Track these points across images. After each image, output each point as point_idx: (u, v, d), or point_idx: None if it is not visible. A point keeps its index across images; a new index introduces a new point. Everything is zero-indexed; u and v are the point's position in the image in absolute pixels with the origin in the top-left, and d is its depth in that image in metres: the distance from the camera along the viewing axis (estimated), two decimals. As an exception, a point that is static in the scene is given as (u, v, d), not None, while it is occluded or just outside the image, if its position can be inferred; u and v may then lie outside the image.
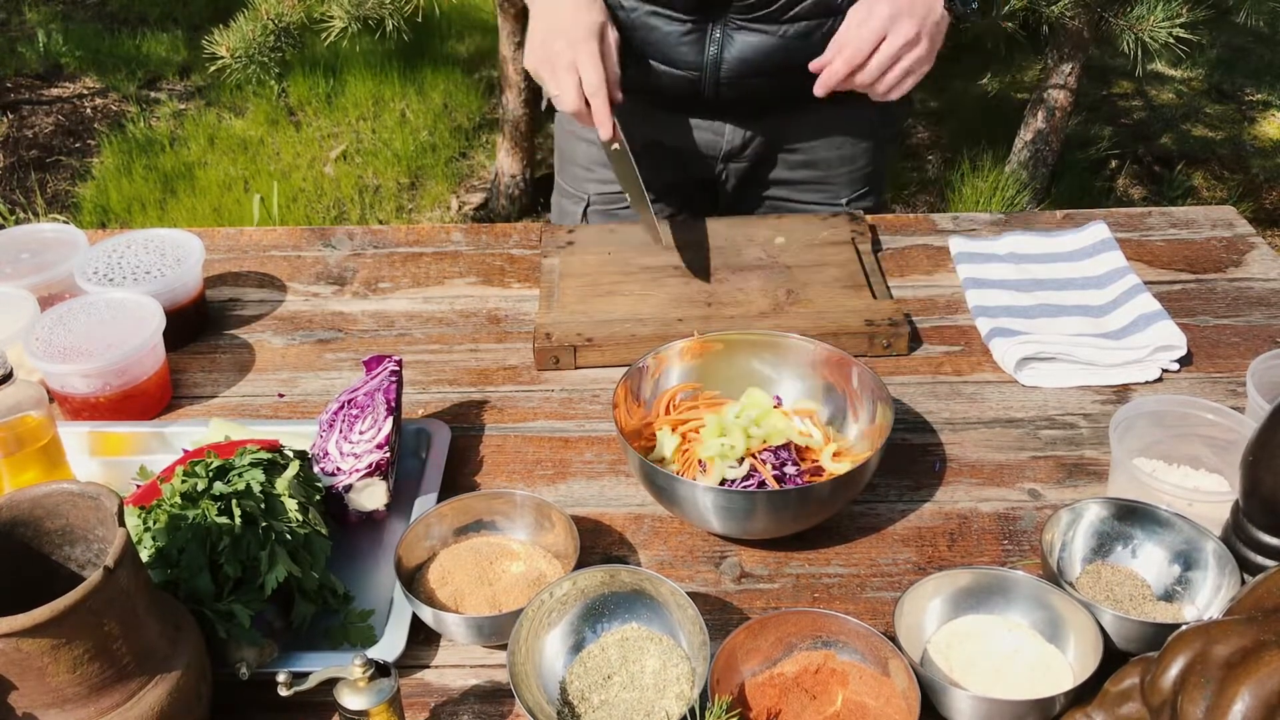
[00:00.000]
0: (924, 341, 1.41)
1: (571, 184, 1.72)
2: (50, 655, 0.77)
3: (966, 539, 1.12)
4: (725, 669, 0.92)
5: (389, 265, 1.59)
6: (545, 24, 1.38)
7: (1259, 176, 4.10)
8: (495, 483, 1.21)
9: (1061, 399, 1.31)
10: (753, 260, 1.49)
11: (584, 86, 1.34)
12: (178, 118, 4.52)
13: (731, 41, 1.47)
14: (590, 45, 1.34)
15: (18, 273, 1.42)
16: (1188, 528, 1.00)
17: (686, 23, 1.47)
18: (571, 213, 1.73)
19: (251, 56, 2.61)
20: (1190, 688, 0.76)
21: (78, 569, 0.89)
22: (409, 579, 1.04)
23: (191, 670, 0.87)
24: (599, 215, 1.69)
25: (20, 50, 5.00)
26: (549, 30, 1.37)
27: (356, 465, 1.10)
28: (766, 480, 1.09)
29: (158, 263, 1.43)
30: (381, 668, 0.86)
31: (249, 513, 0.98)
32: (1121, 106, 4.62)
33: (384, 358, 1.21)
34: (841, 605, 1.05)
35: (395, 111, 4.48)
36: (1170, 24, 2.66)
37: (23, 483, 1.09)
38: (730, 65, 1.49)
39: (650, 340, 1.34)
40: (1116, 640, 0.93)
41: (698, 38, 1.48)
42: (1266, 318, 1.43)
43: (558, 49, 1.35)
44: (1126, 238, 1.59)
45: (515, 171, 3.89)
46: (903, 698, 0.90)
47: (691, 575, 1.09)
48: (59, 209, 3.95)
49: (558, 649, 0.97)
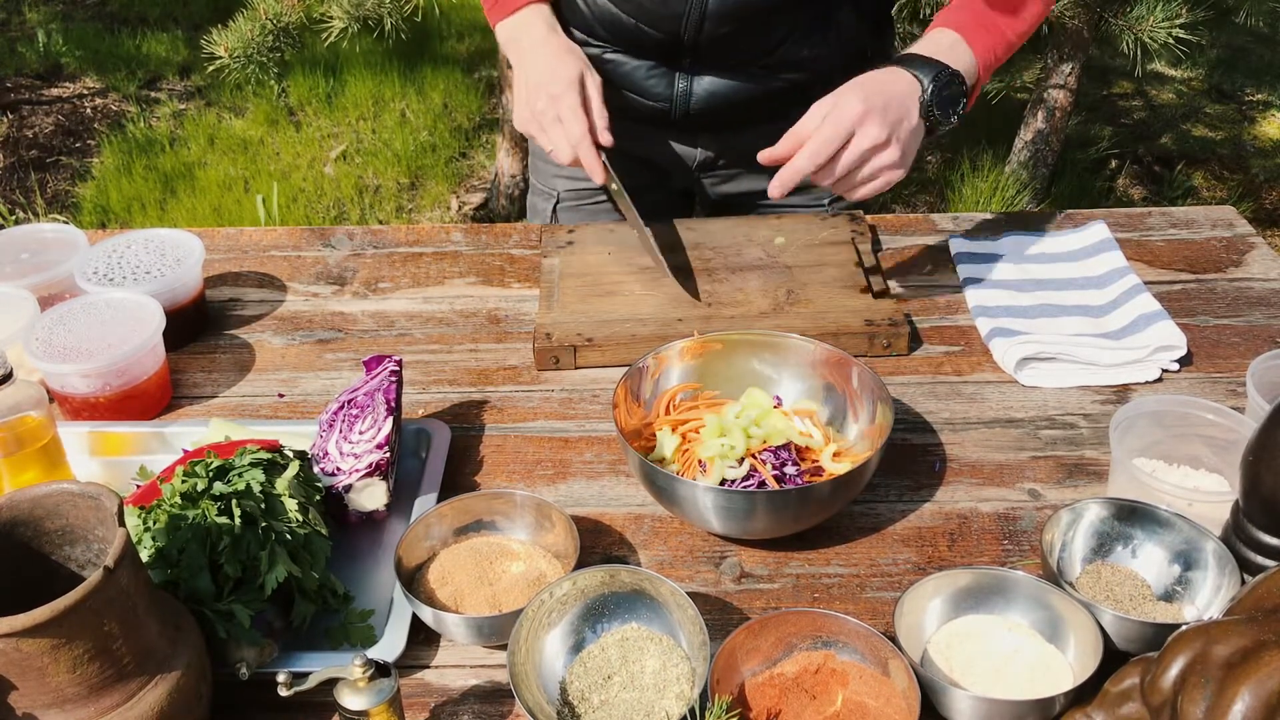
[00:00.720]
0: (924, 341, 1.41)
1: (542, 181, 1.73)
2: (50, 655, 0.77)
3: (966, 539, 1.12)
4: (725, 669, 0.92)
5: (389, 265, 1.59)
6: (527, 81, 1.40)
7: (1259, 176, 4.10)
8: (495, 483, 1.21)
9: (1061, 399, 1.31)
10: (753, 260, 1.49)
11: (567, 139, 1.35)
12: (178, 118, 4.52)
13: (700, 79, 1.49)
14: (570, 97, 1.35)
15: (18, 273, 1.42)
16: (1188, 528, 1.00)
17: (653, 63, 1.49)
18: (542, 210, 1.73)
19: (250, 56, 2.61)
20: (1190, 688, 0.76)
21: (78, 569, 0.89)
22: (409, 579, 1.04)
23: (191, 670, 0.87)
24: (569, 211, 1.70)
25: (20, 50, 5.00)
26: (531, 87, 1.38)
27: (356, 465, 1.10)
28: (766, 480, 1.09)
29: (158, 263, 1.43)
30: (381, 668, 0.86)
31: (249, 513, 0.98)
32: (1121, 106, 4.62)
33: (384, 358, 1.21)
34: (841, 605, 1.05)
35: (395, 111, 4.48)
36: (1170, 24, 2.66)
37: (23, 483, 1.09)
38: (700, 98, 1.50)
39: (650, 340, 1.34)
40: (1116, 640, 0.93)
41: (665, 73, 1.50)
42: (1266, 318, 1.43)
43: (540, 106, 1.37)
44: (1126, 238, 1.59)
45: (515, 171, 3.89)
46: (903, 698, 0.90)
47: (691, 575, 1.09)
48: (59, 209, 3.95)
49: (558, 649, 0.97)
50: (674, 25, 1.42)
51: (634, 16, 1.44)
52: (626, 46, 1.49)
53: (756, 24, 1.43)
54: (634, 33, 1.46)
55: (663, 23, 1.43)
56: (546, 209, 1.72)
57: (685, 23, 1.41)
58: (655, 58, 1.49)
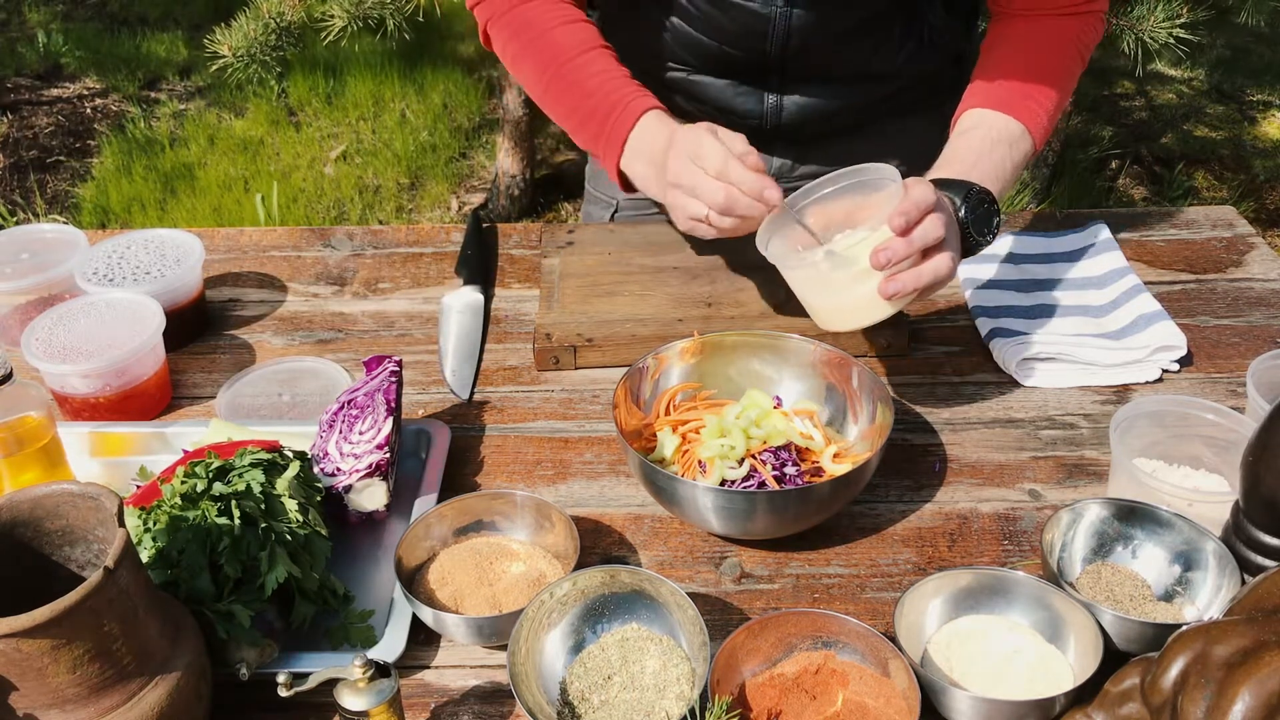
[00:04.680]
0: (924, 341, 1.41)
1: (599, 189, 1.70)
2: (50, 656, 0.77)
3: (966, 539, 1.12)
4: (725, 669, 0.92)
5: (389, 265, 1.59)
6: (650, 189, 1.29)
7: (1260, 177, 4.10)
8: (495, 483, 1.21)
9: (1061, 399, 1.31)
10: (753, 260, 1.49)
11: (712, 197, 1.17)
12: (178, 118, 4.52)
13: (790, 95, 1.44)
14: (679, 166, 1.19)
15: (18, 273, 1.42)
16: (1188, 528, 1.00)
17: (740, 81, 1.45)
18: (600, 218, 1.70)
19: (253, 55, 2.61)
20: (1190, 688, 0.76)
21: (78, 569, 0.89)
22: (409, 579, 1.04)
23: (191, 670, 0.87)
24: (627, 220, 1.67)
25: (20, 50, 5.01)
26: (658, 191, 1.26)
27: (356, 466, 1.10)
28: (766, 481, 1.09)
29: (158, 263, 1.43)
30: (381, 668, 0.86)
31: (249, 513, 0.98)
32: (1122, 107, 4.62)
33: (384, 358, 1.21)
34: (841, 605, 1.05)
35: (395, 111, 4.48)
36: (1170, 24, 2.65)
37: (23, 483, 1.09)
38: (791, 113, 1.46)
39: (650, 340, 1.34)
40: (1116, 640, 0.93)
41: (753, 91, 1.45)
42: (1266, 318, 1.43)
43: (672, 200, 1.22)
44: (1126, 238, 1.59)
45: (515, 171, 3.89)
46: (903, 698, 0.90)
47: (691, 575, 1.09)
48: (59, 209, 3.95)
49: (558, 649, 0.97)
50: (759, 44, 1.38)
51: (717, 40, 1.40)
52: (713, 69, 1.45)
53: (844, 37, 1.39)
54: (718, 55, 1.42)
55: (746, 42, 1.38)
56: (604, 216, 1.70)
57: (770, 42, 1.37)
58: (743, 77, 1.45)
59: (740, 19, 1.36)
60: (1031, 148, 1.31)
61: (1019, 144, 1.29)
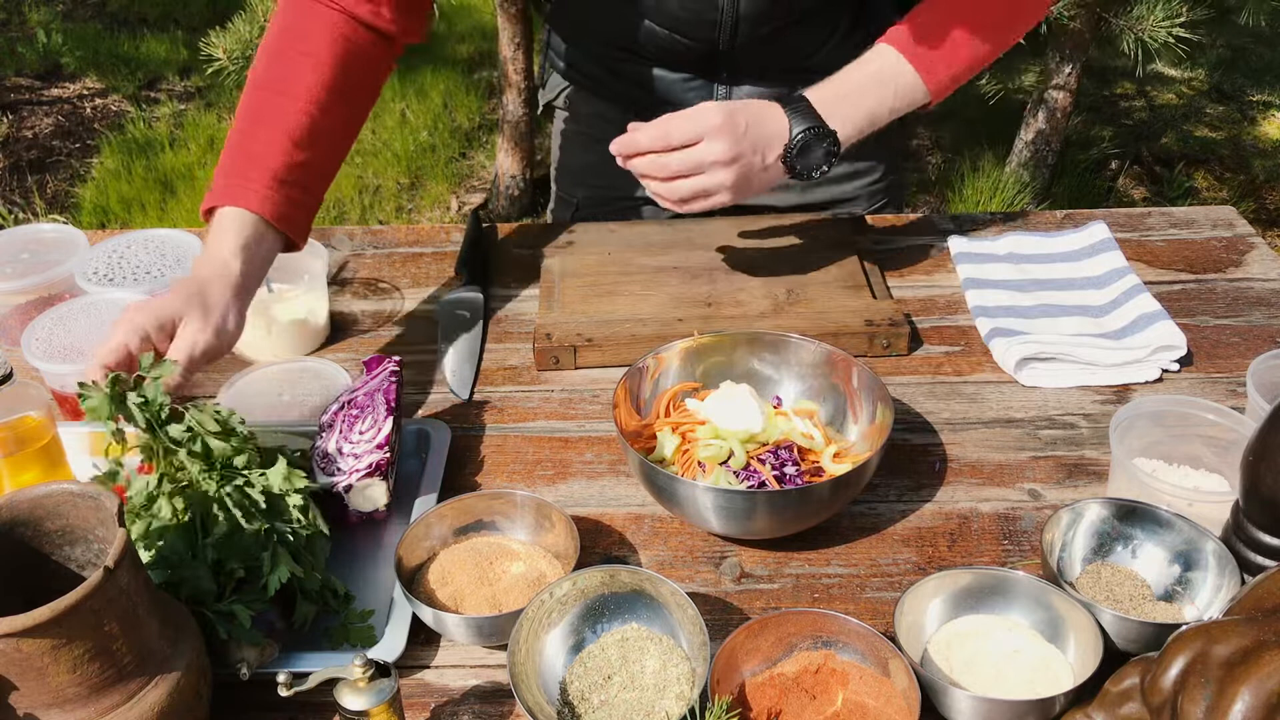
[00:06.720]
0: (924, 341, 1.41)
1: (565, 190, 1.72)
2: (50, 655, 0.77)
3: (966, 539, 1.12)
4: (725, 669, 0.92)
5: (389, 265, 1.59)
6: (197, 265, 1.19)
7: (1260, 177, 4.10)
8: (495, 483, 1.21)
9: (1061, 399, 1.31)
10: (753, 260, 1.49)
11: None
12: (177, 118, 4.52)
13: (739, 88, 1.47)
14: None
15: (17, 273, 1.42)
16: (1188, 528, 1.00)
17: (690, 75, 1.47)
18: (561, 216, 1.73)
19: (249, 58, 2.61)
20: (1190, 688, 0.76)
21: (78, 569, 0.89)
22: (409, 579, 1.04)
23: (191, 670, 0.87)
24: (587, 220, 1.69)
25: (20, 50, 5.01)
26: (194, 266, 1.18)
27: (356, 465, 1.10)
28: (766, 480, 1.09)
29: (158, 263, 1.43)
30: (381, 668, 0.86)
31: (249, 513, 0.98)
32: (1122, 107, 4.62)
33: (384, 358, 1.21)
34: (841, 605, 1.05)
35: (395, 111, 4.48)
36: (1170, 24, 2.66)
37: (23, 483, 1.09)
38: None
39: (650, 340, 1.34)
40: (1116, 640, 0.93)
41: (703, 85, 1.48)
42: (1266, 318, 1.43)
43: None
44: (1126, 238, 1.59)
45: (515, 172, 3.89)
46: (903, 698, 0.90)
47: (691, 575, 1.09)
48: (58, 209, 3.95)
49: (558, 649, 0.97)
50: (708, 33, 1.40)
51: (668, 28, 1.42)
52: (663, 60, 1.47)
53: (792, 27, 1.41)
54: (669, 44, 1.44)
55: (697, 30, 1.41)
56: (565, 216, 1.72)
57: (719, 30, 1.40)
58: (693, 70, 1.47)
59: (690, 6, 1.38)
60: (924, 98, 1.32)
61: (905, 94, 1.31)
